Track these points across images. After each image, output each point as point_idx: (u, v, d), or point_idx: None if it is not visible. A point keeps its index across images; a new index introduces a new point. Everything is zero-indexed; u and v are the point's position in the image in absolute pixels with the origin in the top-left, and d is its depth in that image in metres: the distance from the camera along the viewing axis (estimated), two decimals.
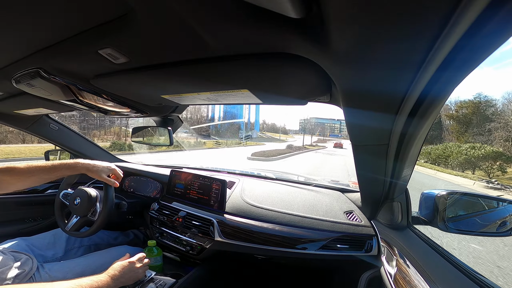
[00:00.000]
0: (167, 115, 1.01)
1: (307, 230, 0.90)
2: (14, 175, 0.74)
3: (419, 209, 0.74)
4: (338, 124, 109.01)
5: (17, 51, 0.52)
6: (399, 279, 0.62)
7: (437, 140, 25.22)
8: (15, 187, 0.76)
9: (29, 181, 0.77)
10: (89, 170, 0.86)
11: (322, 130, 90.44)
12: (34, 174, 0.77)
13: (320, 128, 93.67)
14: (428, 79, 0.32)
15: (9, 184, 0.74)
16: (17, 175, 0.75)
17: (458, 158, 14.42)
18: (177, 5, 0.31)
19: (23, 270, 0.76)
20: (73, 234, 1.02)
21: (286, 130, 63.74)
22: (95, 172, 0.87)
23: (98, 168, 0.87)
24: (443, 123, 25.45)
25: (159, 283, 0.85)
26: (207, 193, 1.08)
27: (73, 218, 1.03)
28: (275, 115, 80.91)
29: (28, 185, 0.78)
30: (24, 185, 0.77)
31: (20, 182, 0.76)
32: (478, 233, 0.71)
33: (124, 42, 0.43)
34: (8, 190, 0.75)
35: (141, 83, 0.62)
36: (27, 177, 0.76)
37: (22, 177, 0.75)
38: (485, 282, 0.51)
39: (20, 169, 0.75)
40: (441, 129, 25.84)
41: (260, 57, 0.42)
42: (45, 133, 1.37)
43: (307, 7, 0.26)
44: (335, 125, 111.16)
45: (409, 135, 0.47)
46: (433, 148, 16.57)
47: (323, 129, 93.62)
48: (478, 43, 0.25)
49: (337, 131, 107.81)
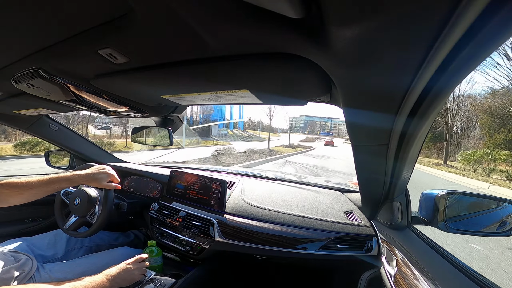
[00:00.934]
0: (167, 115, 1.02)
1: (307, 230, 0.90)
2: (14, 189, 0.77)
3: (419, 209, 0.74)
4: (329, 122, 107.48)
5: (17, 51, 0.52)
6: (399, 279, 0.62)
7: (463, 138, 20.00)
8: (15, 201, 0.78)
9: (27, 194, 0.79)
10: (89, 181, 0.88)
11: (311, 128, 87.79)
12: (32, 188, 0.79)
13: (310, 126, 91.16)
14: (428, 79, 0.32)
15: (8, 197, 0.76)
16: (16, 189, 0.77)
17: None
18: (177, 5, 0.31)
19: (23, 271, 0.76)
20: (72, 234, 1.02)
21: (273, 129, 62.12)
22: (95, 181, 0.89)
23: (97, 177, 0.89)
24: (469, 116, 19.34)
25: (159, 283, 0.85)
26: (207, 193, 1.08)
27: (72, 218, 1.04)
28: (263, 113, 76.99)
29: (27, 198, 0.79)
30: (23, 199, 0.79)
31: (19, 195, 0.78)
32: (478, 233, 0.71)
33: (124, 42, 0.43)
34: (8, 203, 0.77)
35: (141, 83, 0.62)
36: (25, 190, 0.78)
37: (21, 190, 0.77)
38: (485, 282, 0.51)
39: (19, 183, 0.77)
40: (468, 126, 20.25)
41: (260, 57, 0.42)
42: (45, 133, 1.37)
43: (307, 7, 0.26)
44: (326, 123, 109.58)
45: (409, 135, 0.47)
46: (471, 153, 11.95)
47: (312, 127, 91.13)
48: (477, 43, 0.25)
49: (328, 129, 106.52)
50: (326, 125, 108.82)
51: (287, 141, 21.62)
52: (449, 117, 16.84)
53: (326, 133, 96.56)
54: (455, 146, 19.46)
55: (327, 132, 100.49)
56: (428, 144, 21.59)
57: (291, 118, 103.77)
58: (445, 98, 0.37)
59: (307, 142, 35.85)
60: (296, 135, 35.55)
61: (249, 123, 73.47)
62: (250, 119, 78.66)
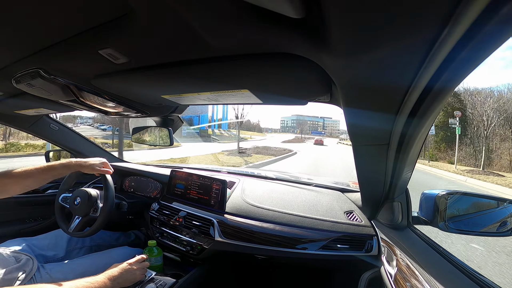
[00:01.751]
0: (167, 115, 1.01)
1: (307, 230, 0.90)
2: (13, 178, 0.76)
3: (420, 209, 0.74)
4: (321, 122, 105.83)
5: (18, 51, 0.52)
6: (399, 279, 0.62)
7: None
8: (14, 190, 0.78)
9: (27, 182, 0.79)
10: (82, 166, 0.90)
11: (302, 127, 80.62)
12: (31, 176, 0.79)
13: (301, 125, 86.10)
14: (428, 79, 0.32)
15: (8, 186, 0.76)
16: (15, 178, 0.77)
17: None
18: (177, 5, 0.31)
19: (23, 271, 0.76)
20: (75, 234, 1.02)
21: (261, 128, 56.98)
22: (89, 167, 0.91)
23: (91, 163, 0.92)
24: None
25: (159, 283, 0.85)
26: (207, 193, 1.08)
27: (75, 219, 1.03)
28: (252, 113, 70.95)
29: (27, 187, 0.79)
30: (23, 188, 0.79)
31: (18, 184, 0.78)
32: (479, 233, 0.71)
33: (125, 42, 0.43)
34: (8, 193, 0.77)
35: (142, 83, 0.62)
36: (25, 178, 0.78)
37: (19, 178, 0.77)
38: (485, 282, 0.51)
39: (18, 172, 0.78)
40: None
41: (260, 57, 0.42)
42: (46, 133, 1.37)
43: (307, 7, 0.26)
44: (318, 123, 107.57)
45: (409, 135, 0.47)
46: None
47: (303, 126, 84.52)
48: (478, 43, 0.25)
49: (320, 128, 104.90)
50: (318, 124, 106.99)
51: (271, 142, 16.52)
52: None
53: (318, 133, 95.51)
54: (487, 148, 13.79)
55: (319, 131, 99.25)
56: (440, 146, 17.82)
57: (283, 118, 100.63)
58: (445, 99, 0.37)
59: (294, 143, 30.91)
60: (285, 135, 32.07)
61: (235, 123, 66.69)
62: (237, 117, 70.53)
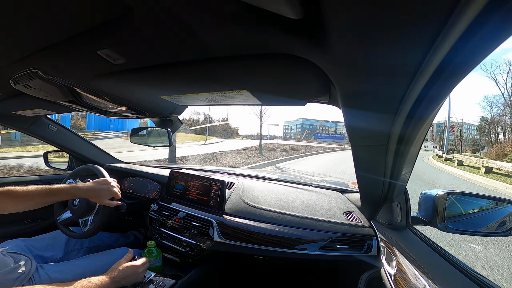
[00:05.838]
0: (166, 116, 1.01)
1: (306, 230, 0.90)
2: (12, 198, 0.76)
3: (419, 209, 0.74)
4: (334, 127, 74.84)
5: (16, 51, 0.52)
6: (399, 279, 0.62)
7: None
8: (12, 209, 0.77)
9: (26, 205, 0.79)
10: (90, 196, 0.88)
11: (309, 132, 65.91)
12: (31, 199, 0.79)
13: (307, 131, 67.95)
14: (426, 80, 0.32)
15: (6, 205, 0.76)
16: (15, 198, 0.77)
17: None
18: (176, 6, 0.31)
19: (22, 271, 0.76)
20: (73, 235, 1.03)
21: (238, 131, 44.59)
22: (96, 198, 0.88)
23: (99, 194, 0.88)
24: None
25: (159, 284, 0.85)
26: (207, 194, 1.08)
27: (67, 213, 1.07)
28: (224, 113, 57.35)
29: (25, 208, 0.79)
30: (21, 208, 0.79)
31: (17, 205, 0.77)
32: (478, 233, 0.72)
33: (123, 43, 0.43)
34: (6, 211, 0.76)
35: (140, 84, 0.62)
36: (24, 200, 0.78)
37: (19, 200, 0.77)
38: (485, 282, 0.51)
39: (18, 192, 0.77)
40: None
41: (259, 58, 0.42)
42: (44, 134, 1.37)
43: (306, 8, 0.26)
44: (330, 128, 75.75)
45: (407, 135, 0.47)
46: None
47: (308, 131, 67.68)
48: (473, 47, 0.25)
49: (332, 133, 70.52)
50: (330, 130, 74.56)
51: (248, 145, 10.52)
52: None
53: (330, 136, 64.79)
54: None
55: (338, 135, 64.93)
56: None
57: (287, 123, 79.68)
58: (443, 100, 0.37)
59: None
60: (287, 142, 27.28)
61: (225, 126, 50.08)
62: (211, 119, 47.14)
